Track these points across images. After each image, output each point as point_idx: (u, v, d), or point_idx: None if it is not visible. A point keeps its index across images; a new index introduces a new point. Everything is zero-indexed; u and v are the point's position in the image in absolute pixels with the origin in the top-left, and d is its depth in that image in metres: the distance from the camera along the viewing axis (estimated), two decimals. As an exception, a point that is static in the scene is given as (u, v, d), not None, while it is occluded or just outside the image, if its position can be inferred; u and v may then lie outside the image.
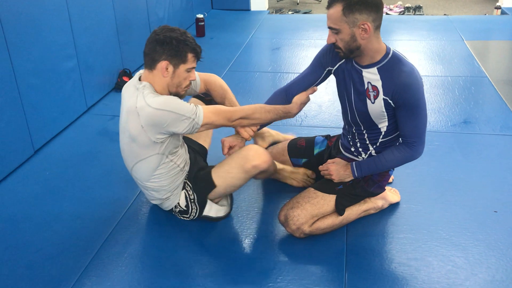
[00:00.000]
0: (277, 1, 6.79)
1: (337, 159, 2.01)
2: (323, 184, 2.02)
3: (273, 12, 6.05)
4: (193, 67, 1.89)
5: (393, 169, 2.14)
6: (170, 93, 1.89)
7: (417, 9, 5.92)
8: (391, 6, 6.02)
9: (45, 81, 2.76)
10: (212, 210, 2.07)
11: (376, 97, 1.82)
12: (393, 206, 2.18)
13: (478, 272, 1.80)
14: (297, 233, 1.95)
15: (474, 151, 2.61)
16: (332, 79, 2.06)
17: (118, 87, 3.55)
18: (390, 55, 1.81)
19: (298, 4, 6.62)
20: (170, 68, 1.83)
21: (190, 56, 1.84)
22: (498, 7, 5.64)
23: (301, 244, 1.96)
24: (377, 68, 1.81)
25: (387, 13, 5.86)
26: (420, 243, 1.96)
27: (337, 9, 1.71)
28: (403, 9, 5.90)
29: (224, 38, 4.82)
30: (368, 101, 1.84)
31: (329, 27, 1.77)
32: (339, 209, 1.99)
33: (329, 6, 1.75)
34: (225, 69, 3.91)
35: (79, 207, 2.27)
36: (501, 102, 3.16)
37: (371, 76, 1.81)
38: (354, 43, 1.74)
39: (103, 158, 2.67)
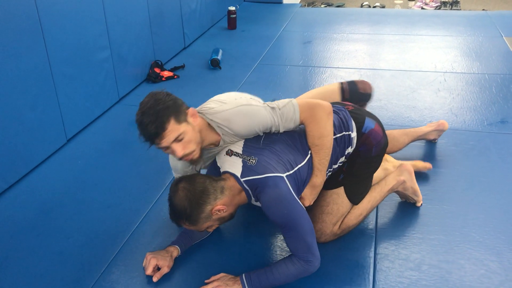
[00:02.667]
0: (310, -6, 6.72)
1: (220, 274, 1.77)
2: (327, 181, 1.91)
3: (305, 5, 5.99)
4: (162, 147, 1.72)
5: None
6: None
7: (454, 4, 5.76)
8: (427, 1, 5.87)
9: (79, 71, 2.80)
10: None
11: None
12: (426, 206, 2.13)
13: (513, 278, 1.74)
14: (328, 240, 1.93)
15: (511, 152, 2.53)
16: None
17: (149, 78, 3.58)
18: None
19: (331, -3, 6.53)
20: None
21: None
22: (540, 3, 5.44)
23: (329, 247, 1.92)
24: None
25: (422, 8, 5.72)
26: (452, 245, 1.90)
27: None
28: (439, 4, 5.75)
29: (256, 30, 4.79)
30: None
31: None
32: (353, 199, 1.93)
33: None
34: (256, 62, 3.89)
35: (110, 196, 2.30)
36: (541, 102, 3.05)
37: None
38: None
39: (134, 149, 2.70)
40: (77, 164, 2.57)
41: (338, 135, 1.86)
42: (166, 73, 3.65)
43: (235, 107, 1.76)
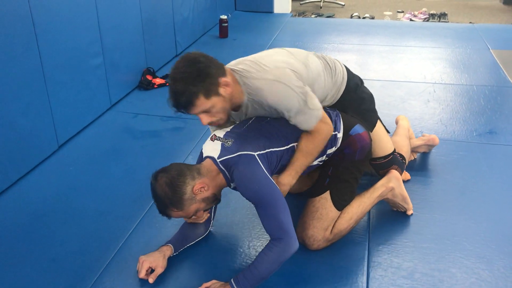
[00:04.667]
0: (300, 4, 6.78)
1: (212, 281, 1.77)
2: (314, 187, 1.96)
3: (296, 15, 6.04)
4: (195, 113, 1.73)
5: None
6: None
7: (442, 16, 5.85)
8: (416, 13, 5.96)
9: (72, 77, 2.80)
10: None
11: None
12: (417, 215, 2.15)
13: (503, 286, 1.76)
14: (321, 246, 1.94)
15: (499, 162, 2.57)
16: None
17: (141, 85, 3.58)
18: None
19: (321, 7, 6.60)
20: None
21: None
22: (526, 16, 5.56)
23: (322, 255, 1.93)
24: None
25: (411, 20, 5.81)
26: (443, 254, 1.93)
27: None
28: (428, 16, 5.84)
29: (247, 39, 4.83)
30: None
31: None
32: (337, 204, 1.94)
33: None
34: (248, 71, 3.91)
35: (103, 203, 2.29)
36: (528, 113, 3.11)
37: None
38: None
39: (126, 156, 2.70)
40: (69, 171, 2.56)
41: None
42: (158, 80, 3.65)
43: (273, 80, 1.74)
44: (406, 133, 2.51)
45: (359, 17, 5.98)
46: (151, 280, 1.78)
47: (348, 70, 2.14)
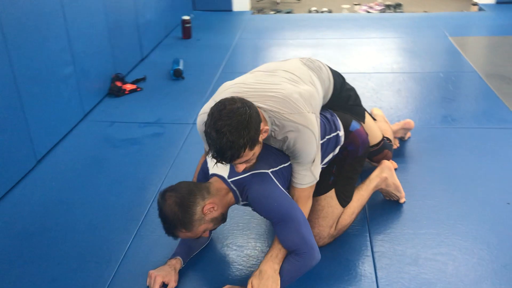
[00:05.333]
0: (257, 1, 6.79)
1: (226, 286, 1.76)
2: (318, 186, 1.94)
3: (255, 12, 6.05)
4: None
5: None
6: None
7: (397, 6, 6.01)
8: (372, 4, 6.10)
9: (45, 89, 2.69)
10: None
11: None
12: (409, 203, 2.21)
13: (503, 263, 1.84)
14: (326, 243, 1.96)
15: (477, 145, 2.68)
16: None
17: (112, 92, 3.48)
18: None
19: (278, 3, 6.63)
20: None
21: None
22: (475, 4, 5.80)
23: (327, 250, 1.95)
24: None
25: (368, 11, 5.94)
26: (442, 238, 1.99)
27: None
28: (383, 7, 5.99)
29: (211, 39, 4.79)
30: None
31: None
32: (343, 201, 1.98)
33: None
34: (219, 71, 3.89)
35: (94, 217, 2.21)
36: (494, 96, 3.25)
37: None
38: None
39: (110, 166, 2.62)
40: (52, 186, 2.46)
41: (327, 136, 1.91)
42: (129, 86, 3.56)
43: (305, 127, 1.68)
44: (385, 118, 2.59)
45: (317, 12, 6.06)
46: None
47: (331, 70, 2.15)
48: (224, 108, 1.53)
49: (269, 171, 1.71)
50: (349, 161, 2.00)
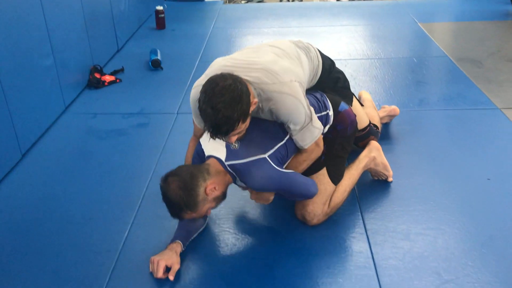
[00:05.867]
0: (227, -10, 6.79)
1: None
2: (310, 165, 2.04)
3: (226, 2, 6.05)
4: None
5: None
6: None
7: (365, -6, 6.14)
8: (340, -8, 6.20)
9: (27, 81, 2.64)
10: None
11: None
12: (396, 182, 2.30)
13: (489, 233, 1.95)
14: (321, 221, 2.03)
15: (455, 125, 2.81)
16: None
17: (91, 84, 3.44)
18: None
19: (248, -7, 6.66)
20: None
21: None
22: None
23: (321, 229, 2.02)
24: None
25: (338, 0, 6.04)
26: (430, 214, 2.09)
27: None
28: (352, -5, 6.10)
29: (186, 29, 4.76)
30: None
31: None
32: (335, 179, 2.06)
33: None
34: (196, 61, 3.89)
35: (88, 209, 2.20)
36: (466, 79, 3.39)
37: None
38: None
39: (97, 157, 2.60)
40: (40, 179, 2.43)
41: (317, 115, 1.98)
42: (108, 78, 3.52)
43: (287, 94, 1.77)
44: (373, 104, 2.67)
45: (288, 1, 6.11)
46: (171, 278, 1.77)
47: (320, 52, 2.22)
48: (217, 85, 1.61)
49: (266, 155, 1.78)
50: (339, 140, 2.07)
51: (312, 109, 1.90)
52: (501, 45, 4.02)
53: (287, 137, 1.88)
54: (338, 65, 2.36)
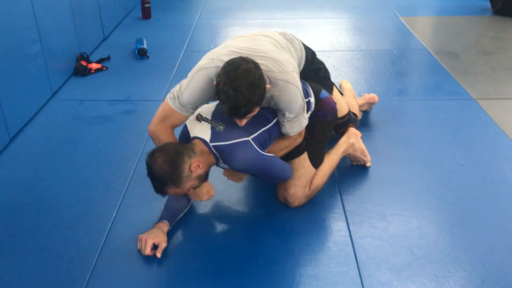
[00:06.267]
0: (212, -18, 6.81)
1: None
2: (291, 150, 2.12)
3: (211, -7, 6.08)
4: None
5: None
6: None
7: (348, -12, 6.24)
8: (325, -14, 6.28)
9: (15, 67, 2.67)
10: None
11: None
12: (374, 167, 2.41)
13: (460, 214, 2.07)
14: (302, 203, 2.12)
15: (431, 114, 2.92)
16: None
17: (77, 72, 3.47)
18: None
19: (233, -16, 6.69)
20: None
21: None
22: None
23: (303, 210, 2.12)
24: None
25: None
26: (406, 196, 2.20)
27: None
28: (336, -11, 6.19)
29: (171, 19, 4.80)
30: None
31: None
32: (315, 163, 2.15)
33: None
34: (182, 50, 3.94)
35: (75, 191, 2.26)
36: (444, 71, 3.51)
37: None
38: None
39: (85, 142, 2.65)
40: (28, 163, 2.48)
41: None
42: (95, 65, 3.56)
43: (291, 84, 1.86)
44: (353, 94, 2.77)
45: (273, -7, 6.17)
46: (159, 255, 1.85)
47: (303, 44, 2.31)
48: (239, 67, 1.69)
49: (249, 138, 1.86)
50: (319, 126, 2.16)
51: (305, 100, 1.99)
52: (477, 39, 4.16)
53: (271, 123, 1.96)
54: (321, 56, 2.45)
